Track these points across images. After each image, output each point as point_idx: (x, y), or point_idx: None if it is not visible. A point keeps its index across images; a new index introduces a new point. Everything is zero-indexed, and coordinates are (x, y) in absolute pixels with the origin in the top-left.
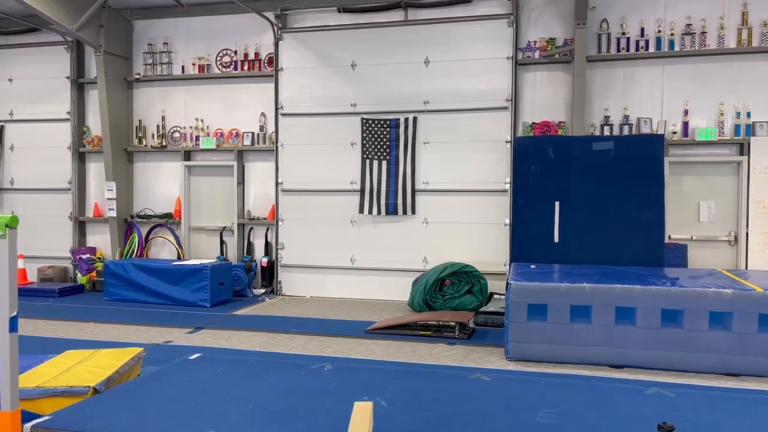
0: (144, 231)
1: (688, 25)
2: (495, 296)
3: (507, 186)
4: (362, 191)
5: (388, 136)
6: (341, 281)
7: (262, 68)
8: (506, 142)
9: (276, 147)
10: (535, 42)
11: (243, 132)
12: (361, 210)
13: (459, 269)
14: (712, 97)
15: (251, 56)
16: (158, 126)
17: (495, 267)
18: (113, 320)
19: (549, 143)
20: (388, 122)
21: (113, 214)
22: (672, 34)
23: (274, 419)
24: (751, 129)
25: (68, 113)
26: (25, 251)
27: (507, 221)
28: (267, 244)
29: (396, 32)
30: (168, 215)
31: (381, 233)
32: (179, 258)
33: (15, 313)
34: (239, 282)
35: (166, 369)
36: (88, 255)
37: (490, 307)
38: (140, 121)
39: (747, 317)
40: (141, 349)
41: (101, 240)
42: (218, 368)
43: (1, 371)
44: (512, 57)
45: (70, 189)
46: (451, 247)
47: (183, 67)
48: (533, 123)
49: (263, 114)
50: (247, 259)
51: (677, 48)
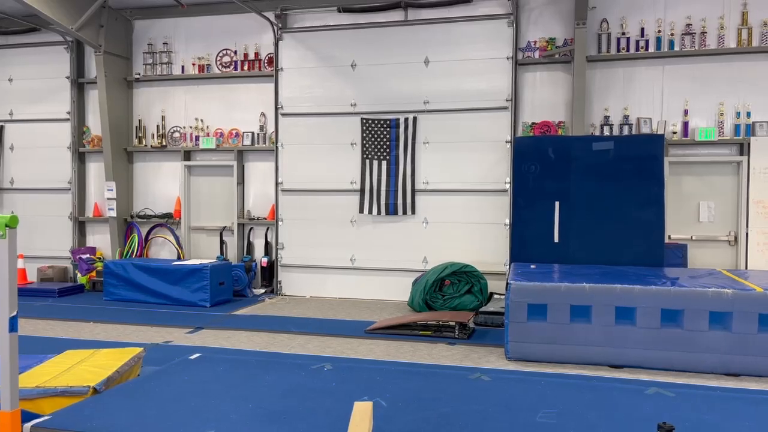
0: (144, 231)
1: (688, 25)
2: (495, 296)
3: (507, 186)
4: (362, 191)
5: (388, 136)
6: (341, 281)
7: (262, 68)
8: (506, 142)
9: (276, 147)
10: (535, 42)
11: (243, 132)
12: (361, 210)
13: (459, 269)
14: (712, 97)
15: (251, 56)
16: (158, 126)
17: (495, 267)
18: (113, 320)
19: (549, 143)
20: (388, 122)
21: (113, 214)
22: (672, 34)
23: (274, 419)
24: (751, 129)
25: (68, 113)
26: (25, 251)
27: (507, 221)
28: (267, 244)
29: (396, 32)
30: (168, 215)
31: (381, 233)
32: (179, 258)
33: (15, 313)
34: (239, 282)
35: (166, 369)
36: (88, 255)
37: (490, 307)
38: (140, 121)
39: (747, 317)
40: (141, 349)
41: (101, 240)
42: (218, 368)
43: (1, 371)
44: (512, 57)
45: (70, 189)
46: (451, 247)
47: (183, 67)
48: (533, 123)
49: (263, 114)
50: (247, 259)
51: (677, 48)
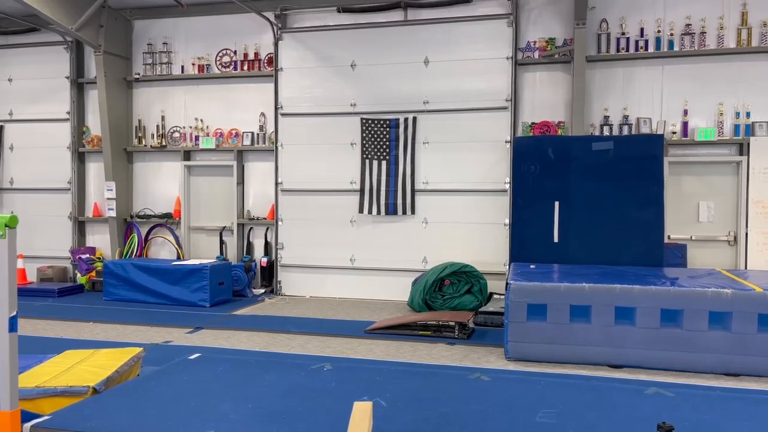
0: (143, 231)
1: (688, 25)
2: (494, 296)
3: (507, 186)
4: (362, 191)
5: (388, 136)
6: (341, 281)
7: (262, 68)
8: (506, 142)
9: (276, 147)
10: (535, 42)
11: (243, 132)
12: (361, 210)
13: (459, 269)
14: (712, 97)
15: (251, 56)
16: (158, 126)
17: (494, 267)
18: (113, 320)
19: (549, 143)
20: (388, 122)
21: (113, 214)
22: (671, 34)
23: (274, 419)
24: (751, 129)
25: (68, 113)
26: (25, 251)
27: (506, 221)
28: (267, 244)
29: (395, 32)
30: (167, 215)
31: (381, 233)
32: (179, 258)
33: (14, 313)
34: (239, 282)
35: (166, 369)
36: (88, 255)
37: (490, 307)
38: (140, 121)
39: (746, 317)
40: (140, 349)
41: (101, 240)
42: (218, 368)
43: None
44: (512, 57)
45: (70, 189)
46: (451, 247)
47: (183, 67)
48: (533, 123)
49: (263, 114)
50: (247, 259)
51: (677, 48)
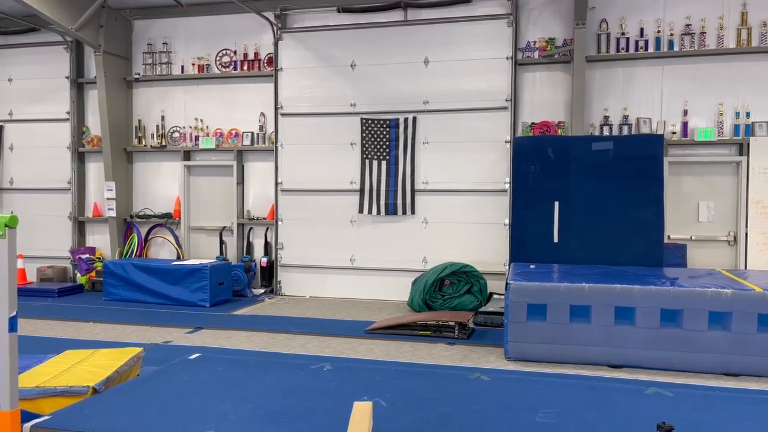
0: (143, 231)
1: (688, 25)
2: (494, 296)
3: (506, 186)
4: (362, 191)
5: (388, 136)
6: (341, 281)
7: (262, 68)
8: (506, 142)
9: (275, 147)
10: (535, 42)
11: (242, 132)
12: (361, 210)
13: (458, 269)
14: (712, 97)
15: (251, 56)
16: (158, 126)
17: (494, 267)
18: (112, 320)
19: (548, 143)
20: (388, 122)
21: (113, 214)
22: (671, 34)
23: (274, 419)
24: (751, 129)
25: (68, 113)
26: (25, 251)
27: (506, 221)
28: (266, 244)
29: (395, 32)
30: (167, 215)
31: (380, 233)
32: (179, 258)
33: (14, 313)
34: (239, 282)
35: (166, 369)
36: (88, 255)
37: (490, 307)
38: (140, 121)
39: (746, 317)
40: (140, 349)
41: (101, 240)
42: (218, 368)
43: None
44: (512, 57)
45: (70, 189)
46: (451, 247)
47: (182, 67)
48: (533, 123)
49: (263, 114)
50: (247, 259)
51: (677, 48)
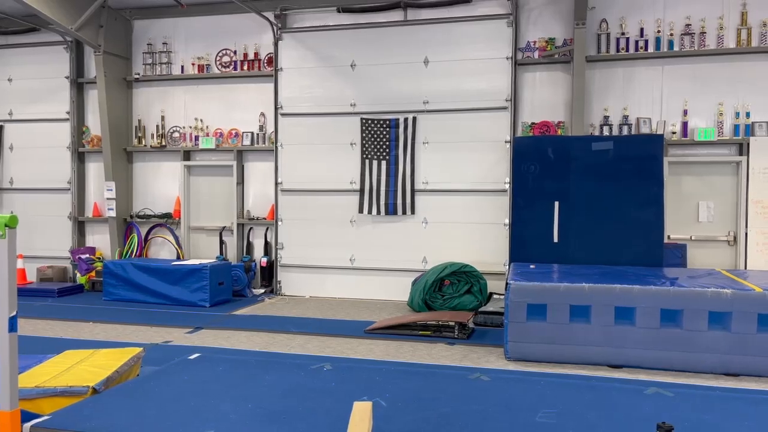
0: (143, 231)
1: (688, 25)
2: (494, 296)
3: (506, 186)
4: (362, 191)
5: (388, 136)
6: (341, 281)
7: (262, 68)
8: (506, 142)
9: (275, 147)
10: (535, 42)
11: (242, 132)
12: (361, 210)
13: (458, 269)
14: (712, 97)
15: (251, 56)
16: (158, 126)
17: (494, 267)
18: (112, 320)
19: (548, 143)
20: (388, 122)
21: (113, 214)
22: (671, 34)
23: (274, 419)
24: (750, 129)
25: (67, 113)
26: (25, 251)
27: (506, 221)
28: (266, 244)
29: (395, 32)
30: (167, 215)
31: (380, 233)
32: (179, 258)
33: (14, 313)
34: (239, 282)
35: (166, 369)
36: (88, 255)
37: (490, 307)
38: (140, 121)
39: (746, 317)
40: (140, 349)
41: (100, 240)
42: (218, 368)
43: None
44: (512, 57)
45: (70, 189)
46: (451, 247)
47: (182, 67)
48: (533, 123)
49: (263, 114)
50: (247, 259)
51: (676, 48)
